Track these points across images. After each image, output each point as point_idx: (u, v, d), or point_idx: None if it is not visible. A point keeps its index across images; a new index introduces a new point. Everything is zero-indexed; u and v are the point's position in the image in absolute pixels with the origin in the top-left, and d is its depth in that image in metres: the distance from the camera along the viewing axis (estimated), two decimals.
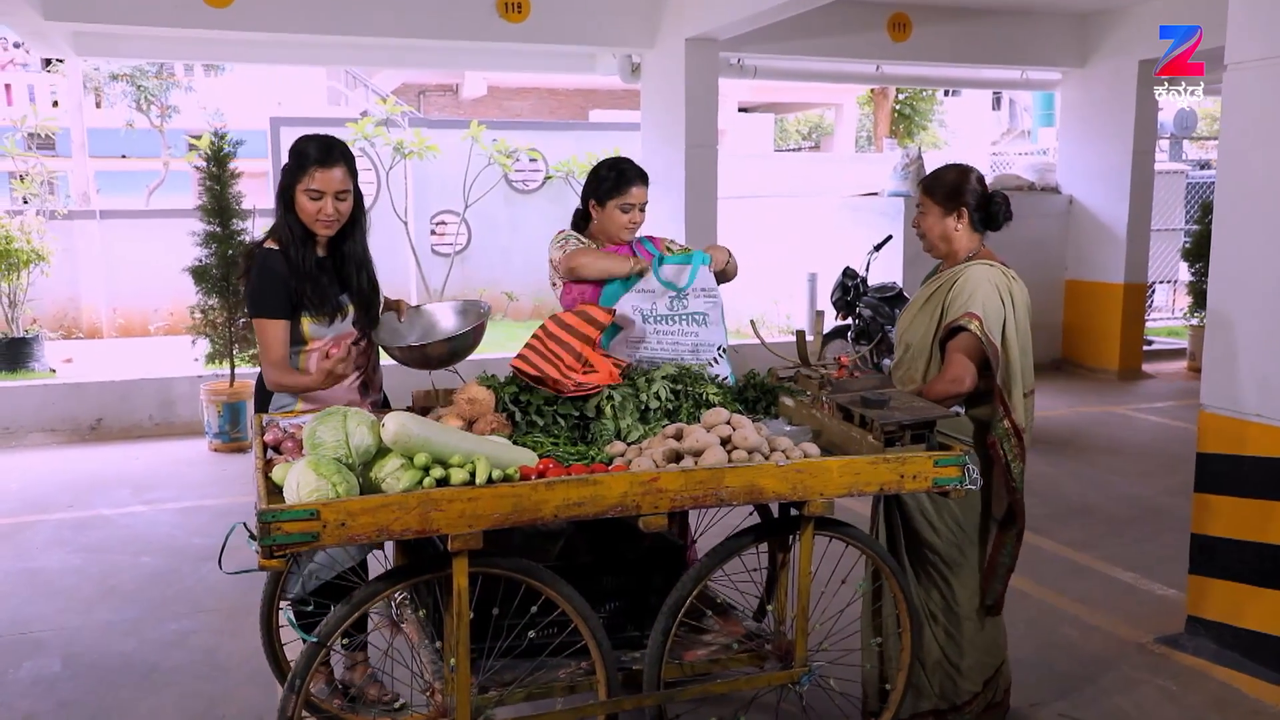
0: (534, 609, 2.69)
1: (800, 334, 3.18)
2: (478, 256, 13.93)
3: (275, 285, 3.14)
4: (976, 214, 3.18)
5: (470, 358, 3.45)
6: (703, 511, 3.65)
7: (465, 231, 13.82)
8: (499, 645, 2.74)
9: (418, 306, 3.57)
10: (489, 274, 13.77)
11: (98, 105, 24.20)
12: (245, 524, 2.35)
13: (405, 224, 13.15)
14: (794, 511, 2.88)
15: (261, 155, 13.82)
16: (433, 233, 14.08)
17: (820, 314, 3.29)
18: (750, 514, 3.37)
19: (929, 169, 10.96)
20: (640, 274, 3.38)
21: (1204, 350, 3.96)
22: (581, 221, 3.71)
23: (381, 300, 3.47)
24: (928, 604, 3.23)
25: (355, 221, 3.27)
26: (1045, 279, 10.55)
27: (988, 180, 10.30)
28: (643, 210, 3.62)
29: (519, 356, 3.05)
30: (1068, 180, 10.61)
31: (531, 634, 2.72)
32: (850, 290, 8.19)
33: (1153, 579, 4.71)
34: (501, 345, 10.44)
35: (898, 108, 27.13)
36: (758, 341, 3.48)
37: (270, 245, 3.21)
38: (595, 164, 3.70)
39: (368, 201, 13.53)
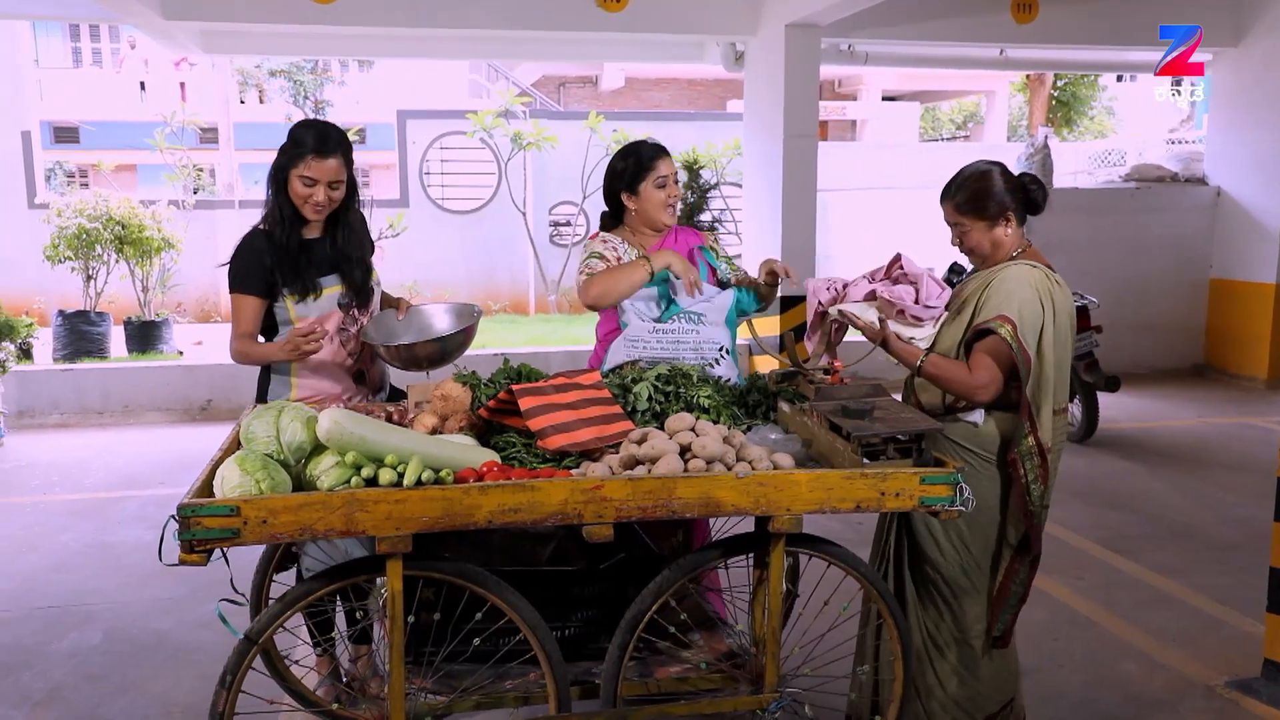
0: (479, 615, 2.59)
1: (788, 335, 2.96)
2: None
3: (253, 263, 3.17)
4: (1021, 209, 2.89)
5: (467, 353, 3.39)
6: (714, 521, 3.48)
7: (584, 222, 13.87)
8: (443, 650, 2.66)
9: (415, 306, 3.53)
10: None
11: (260, 100, 25.57)
12: (175, 517, 2.34)
13: (524, 215, 13.31)
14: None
15: (392, 147, 14.25)
16: (551, 224, 14.19)
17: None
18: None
19: (1055, 159, 10.32)
20: (667, 268, 3.24)
21: None
22: (611, 221, 3.56)
23: (379, 295, 3.44)
24: (936, 636, 2.97)
25: (347, 206, 3.26)
26: (1187, 277, 9.77)
27: (1125, 170, 9.55)
28: (677, 183, 3.48)
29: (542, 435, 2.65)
30: (1216, 170, 9.77)
31: (477, 641, 2.63)
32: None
33: (1244, 613, 4.24)
34: (518, 342, 10.34)
35: (1055, 94, 25.70)
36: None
37: (260, 227, 3.24)
38: (610, 159, 3.56)
39: (487, 193, 13.79)
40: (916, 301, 2.85)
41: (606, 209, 3.60)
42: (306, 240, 3.25)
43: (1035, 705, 3.43)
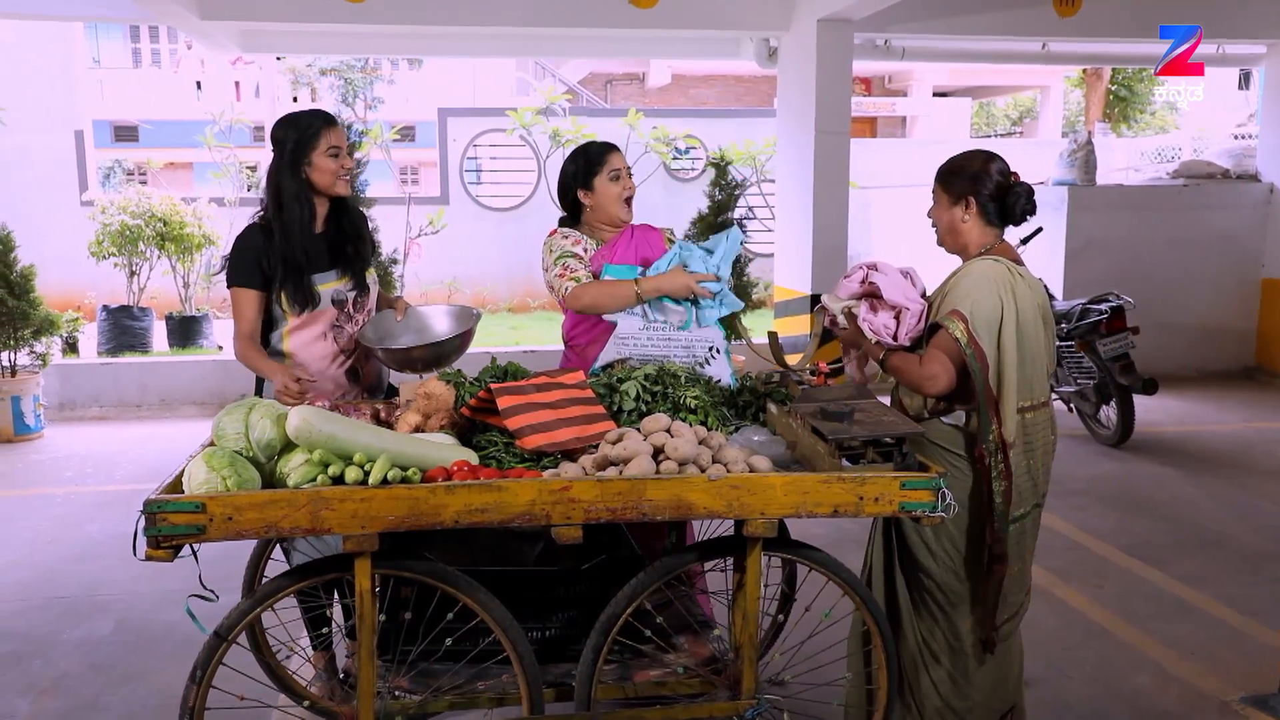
0: (450, 615, 2.58)
1: (773, 335, 2.90)
2: None
3: (248, 257, 3.20)
4: (990, 205, 2.82)
5: (473, 349, 3.38)
6: (709, 523, 3.43)
7: None
8: (416, 648, 2.65)
9: (413, 307, 3.54)
10: None
11: (313, 99, 25.91)
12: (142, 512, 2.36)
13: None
14: None
15: (433, 145, 14.35)
16: None
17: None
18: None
19: (1108, 155, 10.07)
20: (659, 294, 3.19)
21: None
22: (569, 219, 3.58)
23: (375, 294, 3.45)
24: (930, 643, 2.90)
25: (344, 198, 3.30)
26: (1238, 277, 9.46)
27: (1173, 168, 9.27)
28: (630, 175, 3.48)
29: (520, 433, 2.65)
30: (1269, 167, 9.46)
31: (449, 641, 2.62)
32: None
33: (1269, 626, 4.09)
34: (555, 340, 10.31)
35: (1113, 89, 25.10)
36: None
37: (257, 222, 3.27)
38: (563, 163, 3.57)
39: (527, 190, 13.83)
40: (895, 338, 2.78)
41: (564, 213, 3.61)
42: (316, 234, 3.28)
43: (1039, 715, 3.35)
